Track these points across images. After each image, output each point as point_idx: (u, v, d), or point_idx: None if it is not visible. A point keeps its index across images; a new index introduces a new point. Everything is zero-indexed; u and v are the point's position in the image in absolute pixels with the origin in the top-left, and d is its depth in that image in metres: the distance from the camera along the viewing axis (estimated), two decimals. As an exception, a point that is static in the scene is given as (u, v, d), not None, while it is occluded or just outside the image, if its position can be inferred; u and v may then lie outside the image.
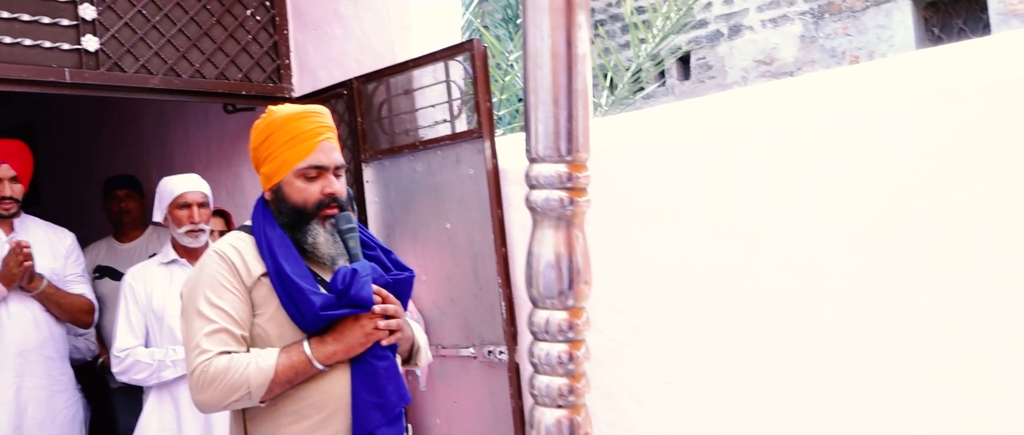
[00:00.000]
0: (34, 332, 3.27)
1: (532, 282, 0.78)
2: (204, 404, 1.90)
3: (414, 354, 2.16)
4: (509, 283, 3.18)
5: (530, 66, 0.72)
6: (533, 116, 0.74)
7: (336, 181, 2.01)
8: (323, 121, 2.03)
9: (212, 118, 4.47)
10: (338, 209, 1.99)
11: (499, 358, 3.16)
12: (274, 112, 2.02)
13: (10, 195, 3.27)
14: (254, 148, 2.05)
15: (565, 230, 0.75)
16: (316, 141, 1.97)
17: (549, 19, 0.70)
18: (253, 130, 2.05)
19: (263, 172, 2.03)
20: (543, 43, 0.71)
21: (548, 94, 0.72)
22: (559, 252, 0.75)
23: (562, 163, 0.74)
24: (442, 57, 3.29)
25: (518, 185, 3.18)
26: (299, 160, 1.96)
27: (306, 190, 1.97)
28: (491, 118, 3.18)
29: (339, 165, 2.03)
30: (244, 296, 1.93)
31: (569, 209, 0.75)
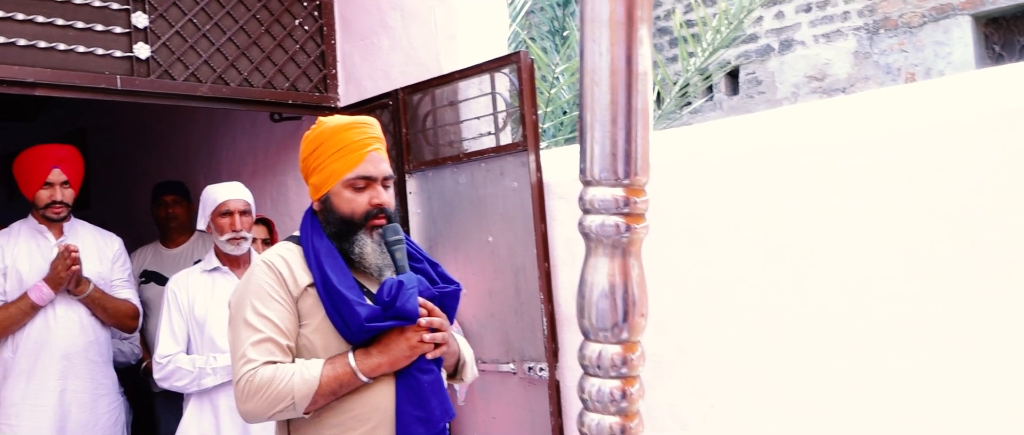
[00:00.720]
0: (80, 335, 3.30)
1: (584, 312, 0.73)
2: (249, 414, 1.89)
3: (460, 369, 2.13)
4: (551, 299, 3.13)
5: (587, 82, 0.68)
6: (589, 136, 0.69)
7: (384, 192, 2.00)
8: (372, 132, 2.02)
9: (259, 127, 4.50)
10: (386, 220, 1.98)
11: (540, 375, 3.11)
12: (323, 123, 2.02)
13: (60, 199, 3.31)
14: (303, 159, 2.05)
15: (620, 258, 0.70)
16: (364, 152, 1.96)
17: (608, 33, 0.65)
18: (303, 141, 2.05)
19: (312, 183, 2.03)
20: (601, 58, 0.66)
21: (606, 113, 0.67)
22: (614, 282, 0.70)
23: (619, 187, 0.69)
24: (488, 69, 3.26)
25: (562, 199, 3.13)
26: (347, 170, 1.95)
27: (354, 200, 1.96)
28: (536, 131, 3.14)
29: (387, 176, 2.02)
30: (291, 306, 1.93)
31: (625, 236, 0.71)
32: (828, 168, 2.48)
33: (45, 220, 3.34)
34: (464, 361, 2.13)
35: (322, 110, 3.92)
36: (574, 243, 3.11)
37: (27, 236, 3.33)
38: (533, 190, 3.10)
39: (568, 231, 3.12)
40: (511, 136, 3.33)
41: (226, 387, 3.07)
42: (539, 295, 3.11)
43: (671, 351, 2.86)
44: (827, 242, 2.49)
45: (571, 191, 3.10)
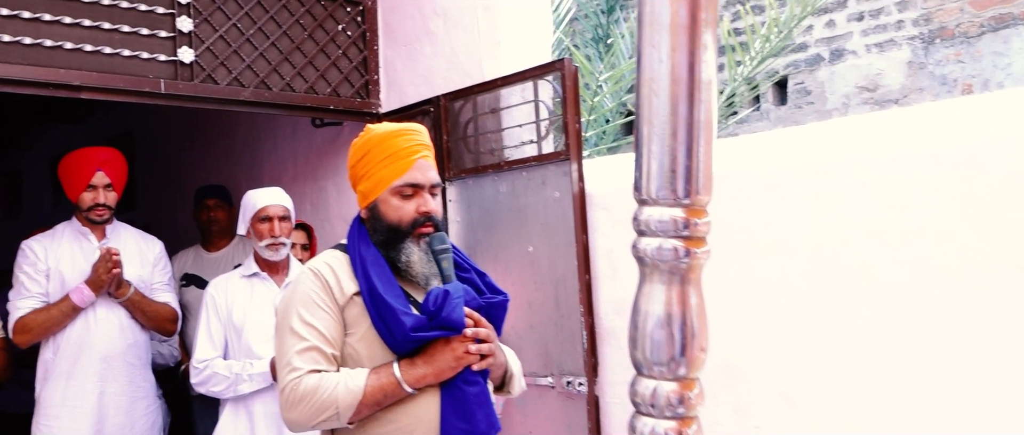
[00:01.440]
0: (119, 338, 3.31)
1: (637, 344, 0.66)
2: (293, 422, 1.87)
3: (507, 381, 2.09)
4: (592, 312, 3.06)
5: (644, 92, 0.62)
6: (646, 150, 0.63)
7: (432, 200, 1.97)
8: (420, 139, 1.99)
9: (300, 132, 4.50)
10: (433, 228, 1.96)
11: (578, 389, 3.04)
12: (372, 130, 2.00)
13: (104, 202, 3.33)
14: (352, 166, 2.03)
15: (679, 286, 0.64)
16: (413, 159, 1.94)
17: (669, 38, 0.59)
18: (351, 148, 2.03)
19: (360, 190, 2.01)
20: (661, 66, 0.60)
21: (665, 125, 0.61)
22: (671, 312, 0.64)
23: (678, 207, 0.63)
24: (531, 76, 3.21)
25: (604, 210, 3.06)
26: (395, 178, 1.93)
27: (401, 208, 1.94)
28: (579, 140, 3.07)
29: (435, 184, 1.99)
30: (336, 314, 1.91)
31: (684, 262, 0.64)
32: (884, 183, 2.38)
33: (88, 222, 3.36)
34: (512, 373, 2.09)
35: (363, 116, 3.90)
36: (616, 255, 3.03)
37: (70, 238, 3.35)
38: (575, 200, 3.04)
39: (610, 243, 3.05)
40: (553, 145, 3.27)
41: (262, 394, 3.05)
42: (579, 308, 3.04)
43: (714, 370, 2.77)
44: (882, 260, 2.38)
45: (614, 202, 3.03)
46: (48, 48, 2.97)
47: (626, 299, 2.99)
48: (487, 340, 1.91)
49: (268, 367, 3.00)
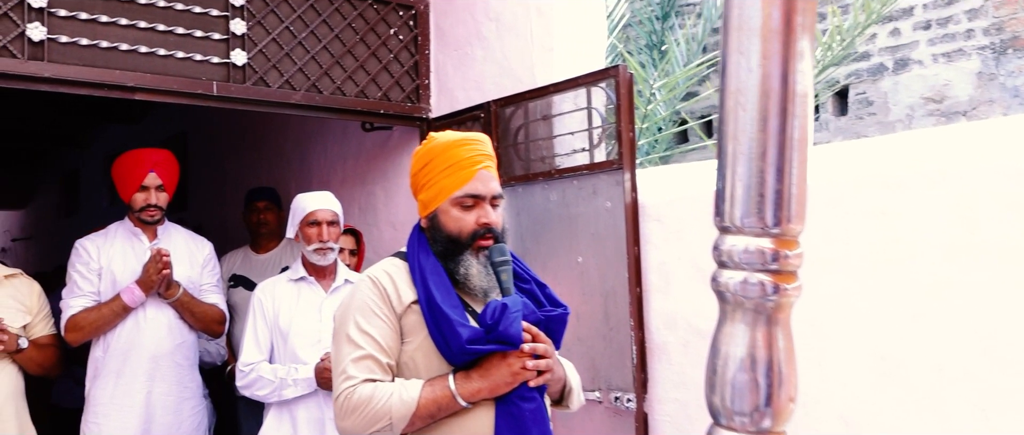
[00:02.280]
0: (167, 338, 3.32)
1: (715, 389, 0.59)
2: (346, 431, 1.85)
3: (566, 396, 2.03)
4: (642, 326, 2.97)
5: (729, 105, 0.54)
6: (730, 171, 0.56)
7: (492, 211, 1.93)
8: (483, 149, 1.96)
9: (350, 135, 4.49)
10: (493, 240, 1.91)
11: (626, 406, 2.95)
12: (434, 138, 1.97)
13: (155, 203, 3.34)
14: (413, 174, 2.00)
15: (765, 327, 0.56)
16: (474, 169, 1.90)
17: (760, 45, 0.52)
18: (414, 156, 2.00)
19: (421, 199, 1.98)
20: (750, 75, 0.53)
21: (753, 143, 0.54)
22: (755, 355, 0.56)
23: (766, 237, 0.55)
24: (585, 82, 3.13)
25: (657, 222, 2.97)
26: (456, 188, 1.90)
27: (462, 219, 1.90)
28: (633, 149, 2.99)
29: (497, 195, 1.94)
30: (393, 323, 1.89)
31: (772, 299, 0.56)
32: (957, 199, 2.25)
33: (140, 223, 3.38)
34: (571, 388, 2.03)
35: (413, 121, 3.87)
36: (668, 268, 2.94)
37: (122, 238, 3.38)
38: (627, 211, 2.95)
39: (662, 255, 2.96)
40: (605, 153, 3.19)
41: (306, 399, 3.03)
42: (629, 321, 2.96)
43: (771, 390, 2.66)
44: (953, 280, 2.25)
45: (667, 213, 2.94)
46: (104, 49, 2.99)
47: (678, 313, 2.90)
48: (545, 355, 1.85)
49: (313, 373, 2.98)
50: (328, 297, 3.14)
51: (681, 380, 2.89)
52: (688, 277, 2.88)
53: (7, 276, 3.28)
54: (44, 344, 3.29)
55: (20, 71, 2.80)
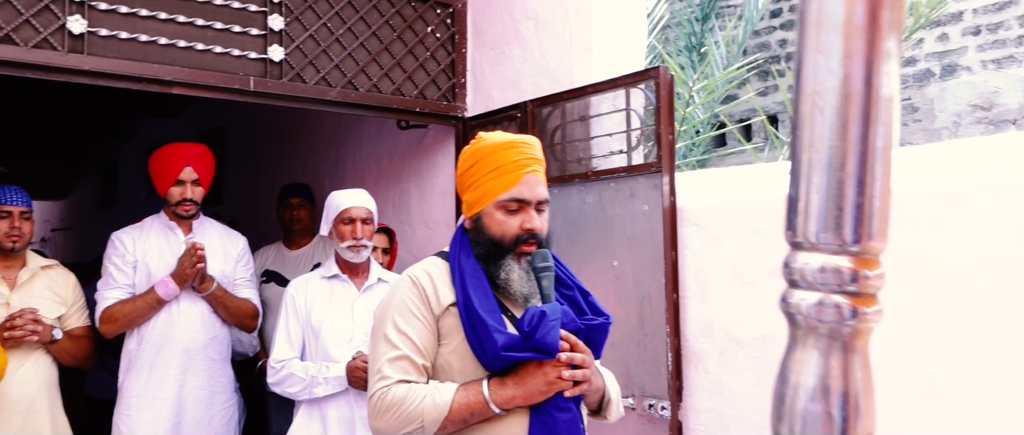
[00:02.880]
0: (201, 332, 3.33)
1: (783, 418, 0.54)
2: (378, 431, 1.84)
3: (604, 406, 1.99)
4: (678, 333, 2.91)
5: (806, 108, 0.49)
6: (804, 182, 0.51)
7: (537, 217, 1.89)
8: (531, 153, 1.92)
9: (385, 133, 4.48)
10: (536, 246, 1.88)
11: (661, 413, 2.89)
12: (483, 139, 1.94)
13: (190, 197, 3.35)
14: (460, 174, 1.98)
15: (841, 354, 0.51)
16: (521, 173, 1.87)
17: (843, 43, 0.47)
18: (461, 155, 1.98)
19: (466, 199, 1.96)
20: (830, 77, 0.48)
21: (831, 151, 0.48)
22: (829, 385, 0.51)
23: (844, 255, 0.50)
24: (624, 84, 3.08)
25: (696, 227, 2.91)
26: (501, 191, 1.87)
27: (505, 223, 1.87)
28: (672, 152, 2.93)
29: (542, 200, 1.91)
30: (431, 324, 1.87)
31: (849, 324, 0.51)
32: (1015, 211, 2.16)
33: (175, 217, 3.39)
34: (609, 398, 1.99)
35: (449, 120, 3.84)
36: (706, 275, 2.88)
37: (158, 231, 3.39)
38: (665, 215, 2.89)
39: (700, 261, 2.89)
40: (643, 156, 3.13)
41: (336, 398, 3.01)
42: (665, 328, 2.89)
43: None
44: (1007, 294, 2.16)
45: (706, 218, 2.87)
46: (143, 43, 2.99)
47: (715, 321, 2.83)
48: (583, 365, 1.81)
49: (344, 371, 2.96)
50: (361, 295, 3.12)
51: (718, 389, 2.82)
52: (727, 284, 2.82)
53: (44, 267, 3.31)
54: (78, 335, 3.32)
55: (60, 63, 2.82)
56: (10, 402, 3.06)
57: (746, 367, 2.75)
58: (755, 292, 2.74)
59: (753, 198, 2.78)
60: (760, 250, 2.73)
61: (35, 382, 3.15)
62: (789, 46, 6.75)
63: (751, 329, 2.74)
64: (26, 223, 3.23)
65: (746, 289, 2.76)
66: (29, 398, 3.12)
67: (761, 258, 2.73)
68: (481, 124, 3.73)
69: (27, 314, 3.06)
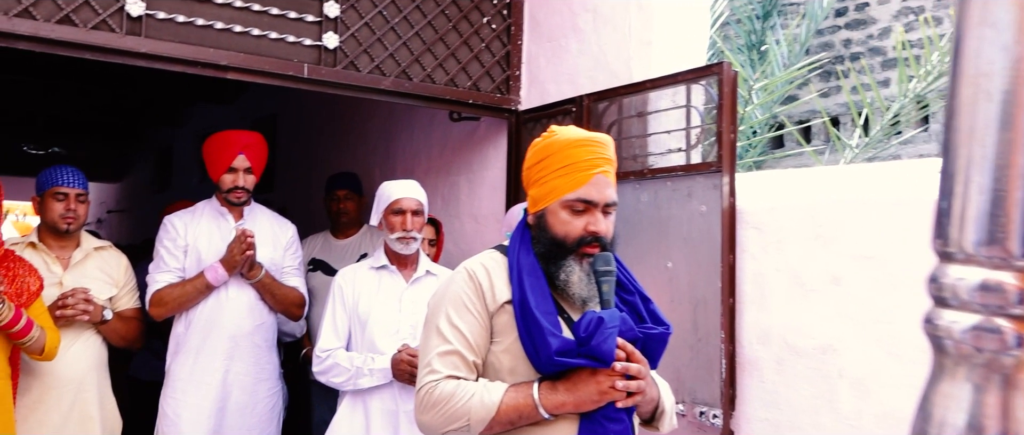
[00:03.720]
0: (247, 318, 3.32)
1: (921, 460, 0.45)
2: (424, 425, 1.81)
3: (657, 417, 1.91)
4: (733, 339, 2.80)
5: (965, 94, 0.41)
6: (960, 180, 0.42)
7: (603, 219, 1.83)
8: (603, 153, 1.85)
9: (437, 125, 4.43)
10: (600, 248, 1.81)
11: (712, 422, 2.79)
12: (555, 133, 1.88)
13: (242, 185, 3.35)
14: (527, 168, 1.92)
15: (1000, 390, 0.43)
16: (591, 173, 1.80)
17: (1018, 15, 0.38)
18: (530, 148, 1.92)
19: (531, 194, 1.90)
20: (1002, 56, 0.39)
21: (999, 145, 0.40)
22: (983, 424, 0.42)
23: (1010, 270, 0.42)
24: (685, 79, 2.98)
25: (756, 230, 2.80)
26: (568, 191, 1.80)
27: (570, 223, 1.81)
28: (733, 151, 2.82)
29: (610, 202, 1.84)
30: (484, 321, 1.82)
31: (1014, 354, 0.42)
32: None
33: (226, 203, 3.39)
34: (663, 410, 1.91)
35: (502, 112, 3.77)
36: (765, 280, 2.77)
37: (209, 217, 3.39)
38: (724, 216, 2.79)
39: (759, 265, 2.79)
40: (701, 155, 3.03)
41: (380, 390, 2.97)
42: (719, 333, 2.79)
43: (872, 419, 2.47)
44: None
45: (767, 221, 2.76)
46: (199, 27, 2.98)
47: (773, 328, 2.72)
48: (639, 376, 1.73)
49: (389, 364, 2.92)
50: (409, 287, 3.07)
51: (773, 400, 2.71)
52: (786, 291, 2.70)
53: (97, 248, 3.34)
54: (128, 317, 3.34)
55: (117, 45, 2.82)
56: (60, 381, 3.09)
57: (804, 378, 2.63)
58: (816, 300, 2.63)
59: (817, 201, 2.67)
60: (823, 256, 2.62)
61: (85, 362, 3.17)
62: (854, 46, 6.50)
63: (811, 338, 2.62)
64: (82, 205, 3.25)
65: (807, 296, 2.65)
66: (79, 377, 3.14)
67: (824, 264, 2.61)
68: (535, 118, 3.66)
69: (79, 294, 3.09)
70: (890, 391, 2.43)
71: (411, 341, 2.98)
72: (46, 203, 3.20)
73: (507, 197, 3.79)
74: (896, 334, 2.43)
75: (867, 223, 2.53)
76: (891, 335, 2.44)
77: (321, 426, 3.61)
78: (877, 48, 6.82)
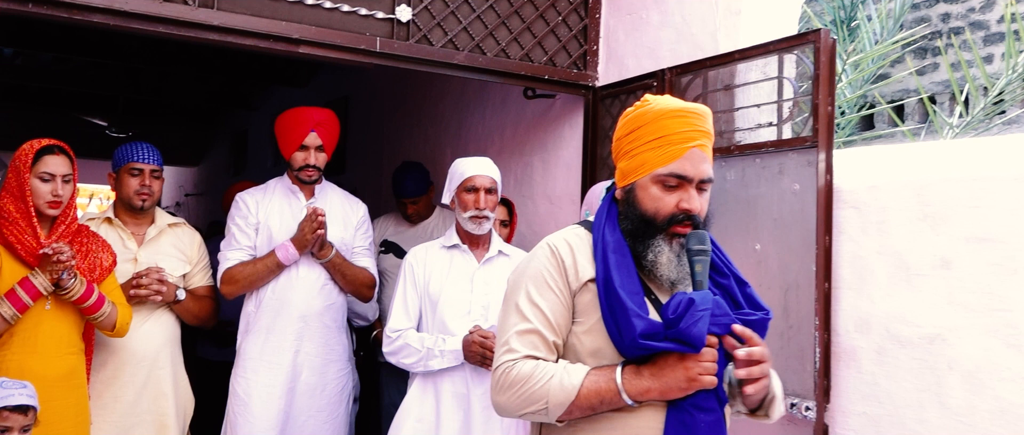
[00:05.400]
0: (317, 298, 3.27)
1: None
2: (500, 406, 1.73)
3: (767, 403, 1.77)
4: (828, 327, 2.61)
5: None
6: None
7: (697, 196, 1.70)
8: (700, 125, 1.72)
9: (510, 103, 4.32)
10: (692, 228, 1.68)
11: (805, 414, 2.61)
12: (648, 103, 1.75)
13: (314, 163, 3.29)
14: (617, 139, 1.80)
15: None
16: (686, 146, 1.68)
17: None
18: (622, 118, 1.80)
19: (620, 167, 1.78)
20: None
21: None
22: None
23: None
24: (777, 49, 2.79)
25: (854, 209, 2.60)
26: (661, 164, 1.68)
27: (660, 200, 1.69)
28: (831, 126, 2.62)
29: (706, 178, 1.71)
30: (566, 299, 1.72)
31: None
32: None
33: (298, 181, 3.34)
34: (773, 395, 1.76)
35: (578, 88, 3.63)
36: (864, 264, 2.57)
37: (280, 194, 3.35)
38: (819, 195, 2.60)
39: (858, 248, 2.59)
40: (792, 130, 2.84)
41: (452, 372, 2.88)
42: (813, 320, 2.61)
43: (987, 415, 2.26)
44: None
45: (868, 201, 2.57)
46: (271, 0, 2.93)
47: (873, 316, 2.53)
48: (762, 360, 1.61)
49: (459, 345, 2.83)
50: (481, 267, 2.97)
51: (872, 392, 2.52)
52: (889, 275, 2.50)
53: (171, 225, 3.33)
54: (201, 295, 3.32)
55: (190, 18, 2.78)
56: (135, 357, 3.09)
57: (908, 369, 2.43)
58: (923, 285, 2.42)
59: (924, 179, 2.45)
60: (931, 238, 2.41)
61: (159, 338, 3.17)
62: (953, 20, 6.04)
63: (917, 327, 2.42)
64: (156, 182, 3.25)
65: (912, 282, 2.44)
66: (153, 354, 3.14)
67: (932, 247, 2.40)
68: (613, 94, 3.51)
69: (153, 274, 3.08)
70: (1007, 385, 2.22)
71: (483, 322, 2.88)
72: (122, 179, 3.20)
73: (583, 177, 3.65)
74: (1015, 323, 2.22)
75: (982, 202, 2.31)
76: (1009, 324, 2.23)
77: (391, 409, 3.55)
78: (979, 22, 6.36)
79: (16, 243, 2.62)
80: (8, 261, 2.62)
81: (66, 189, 2.73)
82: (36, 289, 2.60)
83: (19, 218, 2.63)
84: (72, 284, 2.66)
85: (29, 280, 2.60)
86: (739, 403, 1.75)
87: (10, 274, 2.61)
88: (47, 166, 2.70)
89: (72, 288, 2.66)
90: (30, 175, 2.67)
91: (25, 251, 2.63)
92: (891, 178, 2.54)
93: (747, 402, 1.72)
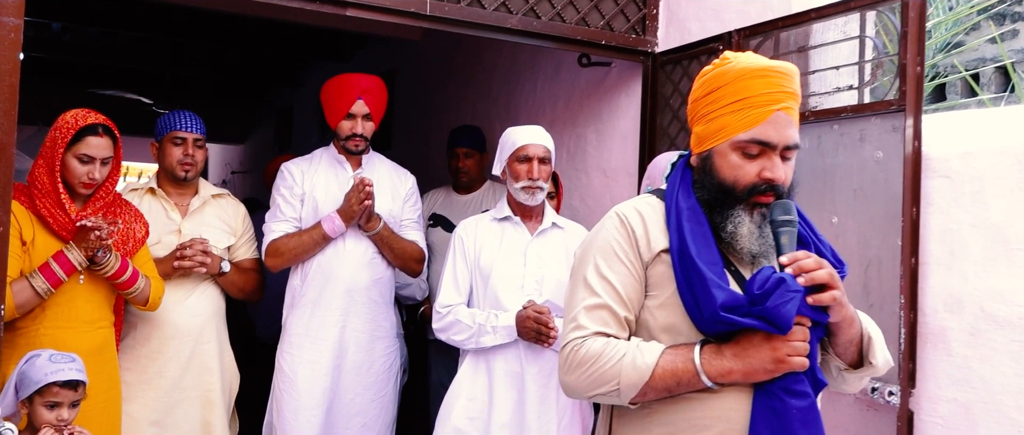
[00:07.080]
0: (364, 272, 3.15)
1: None
2: (569, 387, 1.63)
3: (865, 348, 1.63)
4: (914, 306, 2.41)
5: None
6: None
7: (781, 164, 1.56)
8: (787, 85, 1.57)
9: (563, 72, 4.14)
10: (774, 198, 1.55)
11: (888, 399, 2.42)
12: (728, 61, 1.60)
13: (361, 132, 3.17)
14: (693, 100, 1.66)
15: None
16: (770, 109, 1.54)
17: None
18: (698, 78, 1.65)
19: (696, 131, 1.64)
20: None
21: None
22: None
23: None
24: (858, 5, 2.57)
25: (946, 179, 2.39)
26: (741, 129, 1.55)
27: (740, 168, 1.56)
28: (920, 88, 2.40)
29: (791, 144, 1.56)
30: (638, 272, 1.61)
31: None
32: None
33: (344, 151, 3.22)
34: (869, 337, 1.63)
35: (636, 55, 3.44)
36: (956, 238, 2.36)
37: (326, 164, 3.24)
38: (907, 163, 2.39)
39: (949, 221, 2.38)
40: (873, 94, 2.63)
41: (505, 350, 2.75)
42: (898, 299, 2.41)
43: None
44: None
45: (960, 170, 2.35)
46: (317, -42, 2.79)
47: (966, 294, 2.32)
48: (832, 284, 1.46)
49: (513, 321, 2.68)
50: (533, 240, 2.82)
51: (964, 376, 2.31)
52: (984, 250, 2.29)
53: (215, 196, 3.24)
54: (246, 268, 3.23)
55: (234, -24, 2.66)
56: (180, 331, 3.01)
57: (1007, 352, 2.22)
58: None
59: (1026, 146, 2.23)
60: (1034, 210, 2.19)
61: (204, 312, 3.08)
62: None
63: (1017, 306, 2.20)
64: (199, 151, 3.15)
65: (1011, 257, 2.23)
66: (198, 328, 3.06)
67: (1034, 220, 2.19)
68: (674, 60, 3.31)
69: (197, 245, 2.99)
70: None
71: (536, 297, 2.73)
72: (165, 148, 3.11)
73: (640, 150, 3.47)
74: None
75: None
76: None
77: (438, 388, 3.43)
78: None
79: (48, 217, 2.52)
80: (41, 234, 2.53)
81: (103, 171, 2.62)
82: (71, 263, 2.50)
83: (51, 190, 2.53)
84: (107, 260, 2.57)
85: (64, 254, 2.50)
86: (834, 356, 1.60)
87: (43, 246, 2.52)
88: (88, 147, 2.57)
89: (107, 264, 2.57)
90: (67, 152, 2.56)
91: (57, 225, 2.53)
92: (988, 145, 2.32)
93: (839, 350, 1.58)
